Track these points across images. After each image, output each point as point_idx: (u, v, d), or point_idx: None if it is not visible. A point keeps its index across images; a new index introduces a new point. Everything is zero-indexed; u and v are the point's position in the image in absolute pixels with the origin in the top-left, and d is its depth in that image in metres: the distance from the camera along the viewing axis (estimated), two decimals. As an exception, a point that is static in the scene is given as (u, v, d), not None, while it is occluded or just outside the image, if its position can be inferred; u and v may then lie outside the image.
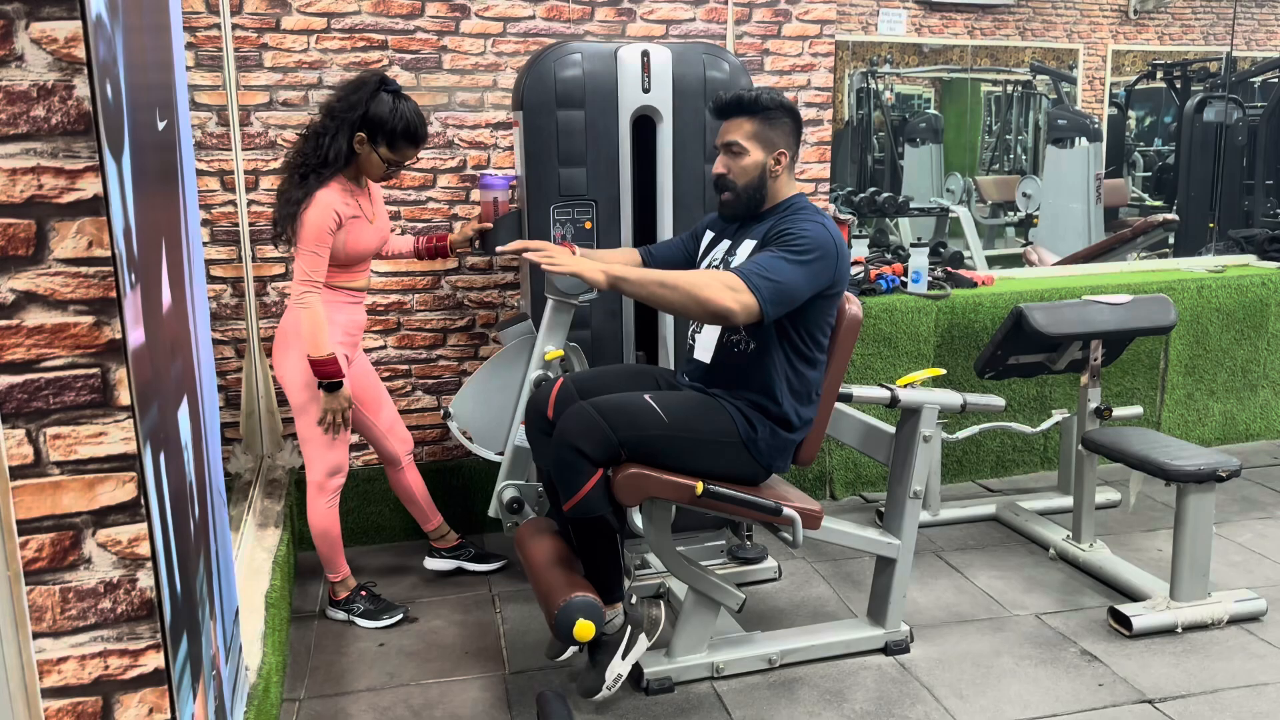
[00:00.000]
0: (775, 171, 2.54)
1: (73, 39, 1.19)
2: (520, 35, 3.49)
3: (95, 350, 1.27)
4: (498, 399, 3.04)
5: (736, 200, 2.58)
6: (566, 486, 2.40)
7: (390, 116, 2.76)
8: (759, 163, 2.53)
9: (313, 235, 2.75)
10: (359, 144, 2.79)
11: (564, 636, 2.36)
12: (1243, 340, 4.49)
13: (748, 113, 2.53)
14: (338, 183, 2.80)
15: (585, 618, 2.35)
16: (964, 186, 4.59)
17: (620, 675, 2.49)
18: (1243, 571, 3.36)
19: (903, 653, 2.85)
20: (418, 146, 2.86)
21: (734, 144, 2.53)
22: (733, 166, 2.55)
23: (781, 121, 2.54)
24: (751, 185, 2.55)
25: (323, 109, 2.84)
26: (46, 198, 1.22)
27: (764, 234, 2.50)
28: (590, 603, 2.37)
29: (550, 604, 2.40)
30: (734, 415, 2.50)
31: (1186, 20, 4.74)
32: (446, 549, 3.33)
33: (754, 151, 2.52)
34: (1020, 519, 3.70)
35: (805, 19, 3.76)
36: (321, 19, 3.34)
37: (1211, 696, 2.63)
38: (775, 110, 2.53)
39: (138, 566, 1.34)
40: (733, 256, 2.55)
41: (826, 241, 2.43)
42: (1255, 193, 5.04)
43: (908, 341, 3.95)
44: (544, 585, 2.47)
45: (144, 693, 1.38)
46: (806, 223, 2.45)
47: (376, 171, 2.86)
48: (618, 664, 2.50)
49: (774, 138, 2.53)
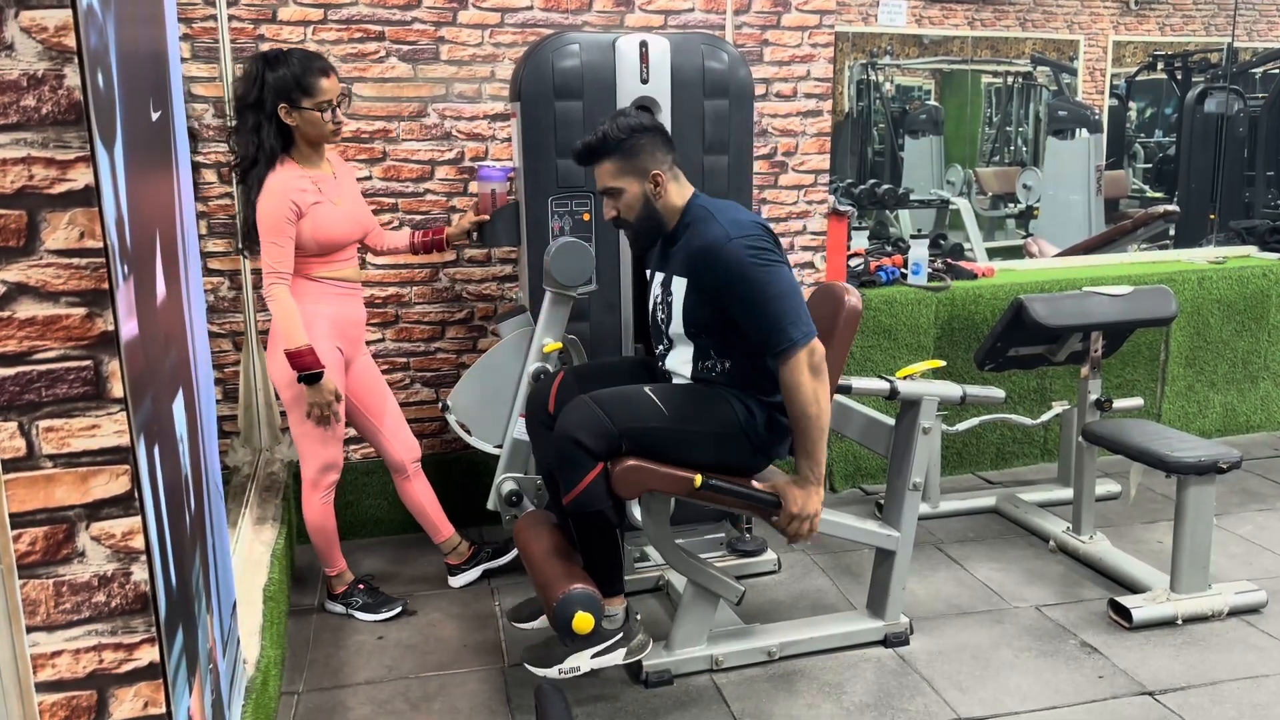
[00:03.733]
0: (658, 194, 2.52)
1: (63, 28, 1.18)
2: (518, 26, 3.47)
3: (87, 342, 1.26)
4: (496, 392, 3.03)
5: (638, 235, 2.60)
6: (567, 479, 2.39)
7: (286, 70, 2.71)
8: (638, 195, 2.51)
9: (270, 225, 2.71)
10: (286, 116, 2.73)
11: (563, 628, 2.35)
12: (1243, 332, 4.48)
13: (605, 155, 2.50)
14: (288, 166, 2.76)
15: (585, 610, 2.34)
16: (964, 178, 4.58)
17: (578, 669, 2.45)
18: (1243, 563, 3.36)
19: (902, 645, 2.85)
20: (328, 75, 2.76)
21: (609, 189, 2.53)
22: (619, 207, 2.54)
23: (640, 144, 2.49)
24: (642, 216, 2.54)
25: (234, 110, 2.82)
26: (37, 188, 1.21)
27: (691, 269, 2.47)
28: (590, 595, 2.36)
29: (549, 595, 2.39)
30: (733, 403, 2.50)
31: (1187, 11, 4.72)
32: (464, 562, 3.25)
33: (629, 187, 2.51)
34: (1020, 511, 3.70)
35: (805, 9, 3.74)
36: (318, 10, 3.32)
37: (1211, 688, 2.62)
38: (629, 139, 2.47)
39: (132, 560, 1.33)
40: (670, 295, 2.54)
41: (740, 251, 2.38)
42: (1256, 184, 5.03)
43: (907, 333, 3.94)
44: (543, 577, 2.47)
45: (139, 686, 1.37)
46: (723, 254, 2.38)
47: (320, 129, 2.77)
48: (584, 658, 2.46)
49: (640, 163, 2.49)
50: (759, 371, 2.50)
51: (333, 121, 2.79)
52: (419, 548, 3.41)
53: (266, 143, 2.73)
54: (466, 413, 3.02)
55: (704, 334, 2.51)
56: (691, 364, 2.56)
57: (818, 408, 2.40)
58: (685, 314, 2.51)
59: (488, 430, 3.04)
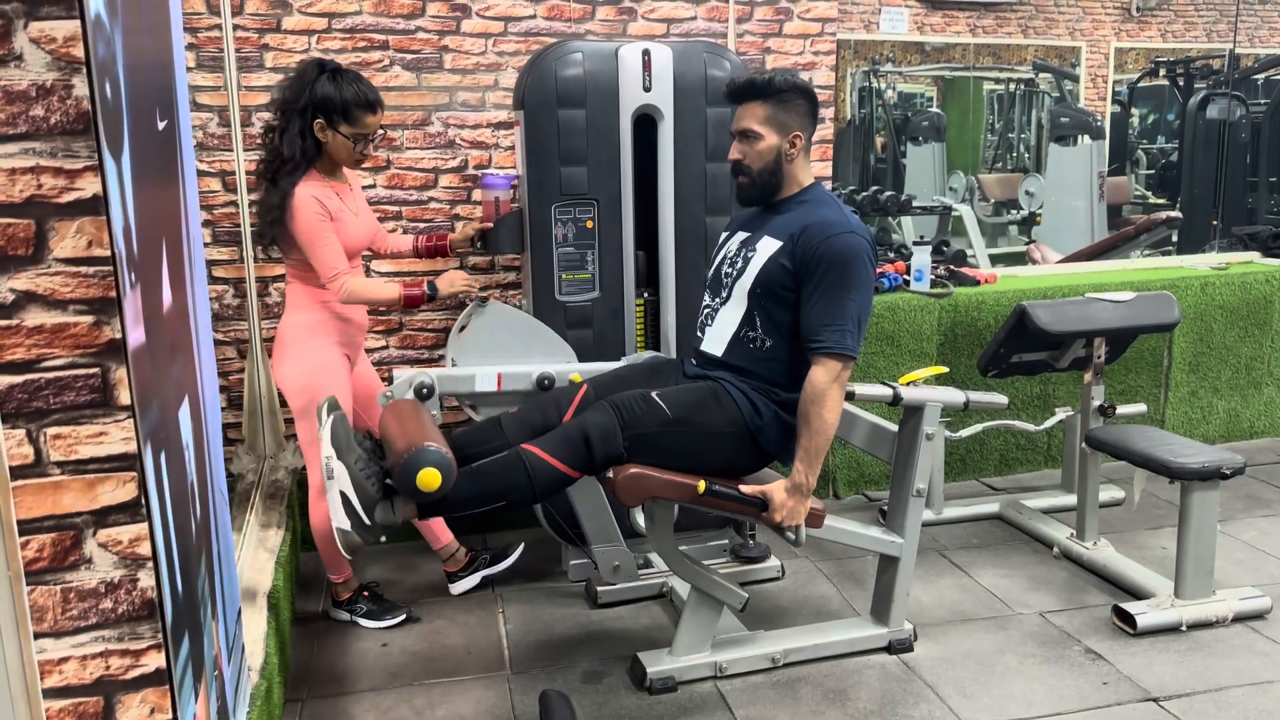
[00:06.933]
0: (791, 155, 2.54)
1: (71, 38, 1.19)
2: (521, 35, 3.49)
3: (95, 350, 1.27)
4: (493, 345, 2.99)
5: (752, 185, 2.58)
6: (552, 446, 2.36)
7: (337, 92, 2.72)
8: (774, 146, 2.52)
9: (313, 233, 2.73)
10: (320, 131, 2.75)
11: (407, 475, 2.18)
12: (1246, 337, 4.48)
13: (761, 96, 2.52)
14: (313, 177, 2.78)
15: (437, 468, 2.17)
16: (966, 185, 4.58)
17: (342, 526, 2.22)
18: (1247, 569, 3.35)
19: (906, 651, 2.84)
20: (375, 112, 2.79)
21: (748, 130, 2.53)
22: (748, 152, 2.54)
23: (795, 103, 2.52)
24: (767, 170, 2.55)
25: (274, 106, 2.82)
26: (46, 197, 1.22)
27: (791, 235, 2.47)
28: (449, 461, 2.20)
29: (408, 441, 2.21)
30: (739, 401, 2.50)
31: (1189, 17, 4.73)
32: (462, 568, 3.24)
33: (768, 136, 2.52)
34: (1024, 517, 3.70)
35: (807, 17, 3.76)
36: (322, 19, 3.34)
37: (1216, 694, 2.62)
38: (789, 92, 2.51)
39: (139, 566, 1.34)
40: (752, 252, 2.53)
41: (861, 248, 2.44)
42: (1259, 190, 5.03)
43: (910, 340, 3.95)
44: (408, 428, 2.30)
45: (145, 693, 1.37)
46: (838, 238, 2.42)
47: (347, 154, 2.80)
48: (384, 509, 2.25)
49: (788, 120, 2.52)
50: (790, 364, 2.51)
51: (360, 153, 2.82)
52: (423, 555, 3.41)
53: (308, 150, 2.75)
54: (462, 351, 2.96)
55: (765, 301, 2.50)
56: (736, 327, 2.55)
57: (833, 417, 2.43)
58: (761, 272, 2.49)
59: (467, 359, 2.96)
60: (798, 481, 2.46)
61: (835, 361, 2.41)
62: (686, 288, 3.18)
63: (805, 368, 2.47)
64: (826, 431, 2.43)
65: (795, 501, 2.48)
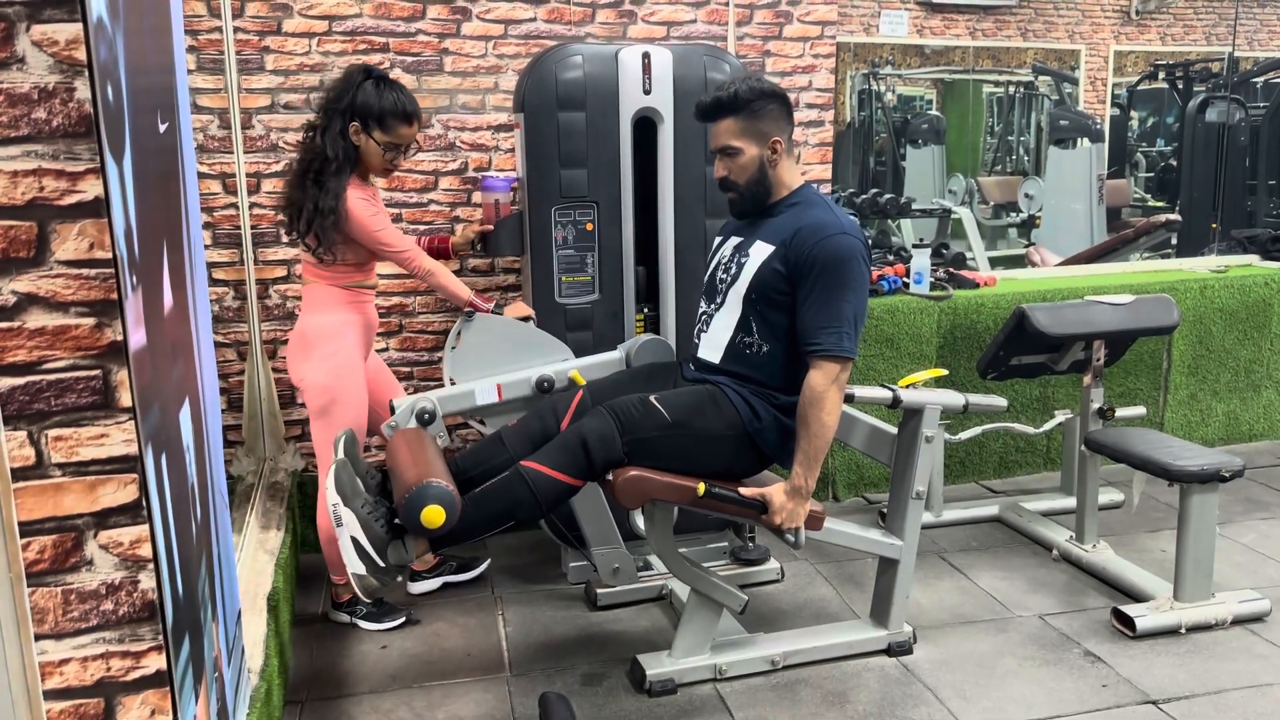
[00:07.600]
0: (774, 160, 2.54)
1: (73, 41, 1.19)
2: (521, 37, 3.49)
3: (96, 352, 1.27)
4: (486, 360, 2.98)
5: (742, 199, 2.58)
6: (551, 457, 2.37)
7: (376, 99, 2.76)
8: (755, 158, 2.52)
9: (371, 224, 2.78)
10: (355, 134, 2.78)
11: (413, 511, 2.17)
12: (1246, 340, 4.48)
13: (731, 112, 2.50)
14: (354, 182, 2.81)
15: (441, 505, 2.16)
16: (966, 187, 4.59)
17: (360, 572, 2.24)
18: (1246, 572, 3.35)
19: (906, 654, 2.85)
20: (410, 124, 2.82)
21: (727, 147, 2.53)
22: (732, 167, 2.54)
23: (768, 109, 2.50)
24: (753, 181, 2.55)
25: (318, 106, 2.85)
26: (48, 200, 1.22)
27: (784, 239, 2.47)
28: (452, 497, 2.19)
29: (415, 475, 2.22)
30: (738, 404, 2.50)
31: (1188, 21, 4.74)
32: (428, 570, 3.26)
33: (747, 149, 2.51)
34: (1023, 520, 3.70)
35: (806, 20, 3.76)
36: (323, 22, 3.34)
37: (1215, 697, 2.62)
38: (757, 101, 2.49)
39: (139, 568, 1.34)
40: (745, 257, 2.53)
41: (855, 248, 2.43)
42: (1258, 193, 5.04)
43: (910, 342, 3.95)
44: (414, 461, 2.31)
45: (146, 694, 1.38)
46: (831, 240, 2.42)
47: (378, 162, 2.83)
48: (399, 550, 2.29)
49: (764, 128, 2.51)
50: (787, 368, 2.51)
51: (391, 162, 2.85)
52: (423, 557, 3.41)
53: (337, 150, 2.77)
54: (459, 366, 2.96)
55: (760, 305, 2.50)
56: (731, 333, 2.55)
57: (832, 419, 2.43)
58: (755, 277, 2.49)
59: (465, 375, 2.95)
60: (797, 484, 2.47)
61: (833, 364, 2.41)
62: (686, 294, 3.18)
63: (803, 370, 2.47)
64: (825, 434, 2.43)
65: (795, 504, 2.48)
